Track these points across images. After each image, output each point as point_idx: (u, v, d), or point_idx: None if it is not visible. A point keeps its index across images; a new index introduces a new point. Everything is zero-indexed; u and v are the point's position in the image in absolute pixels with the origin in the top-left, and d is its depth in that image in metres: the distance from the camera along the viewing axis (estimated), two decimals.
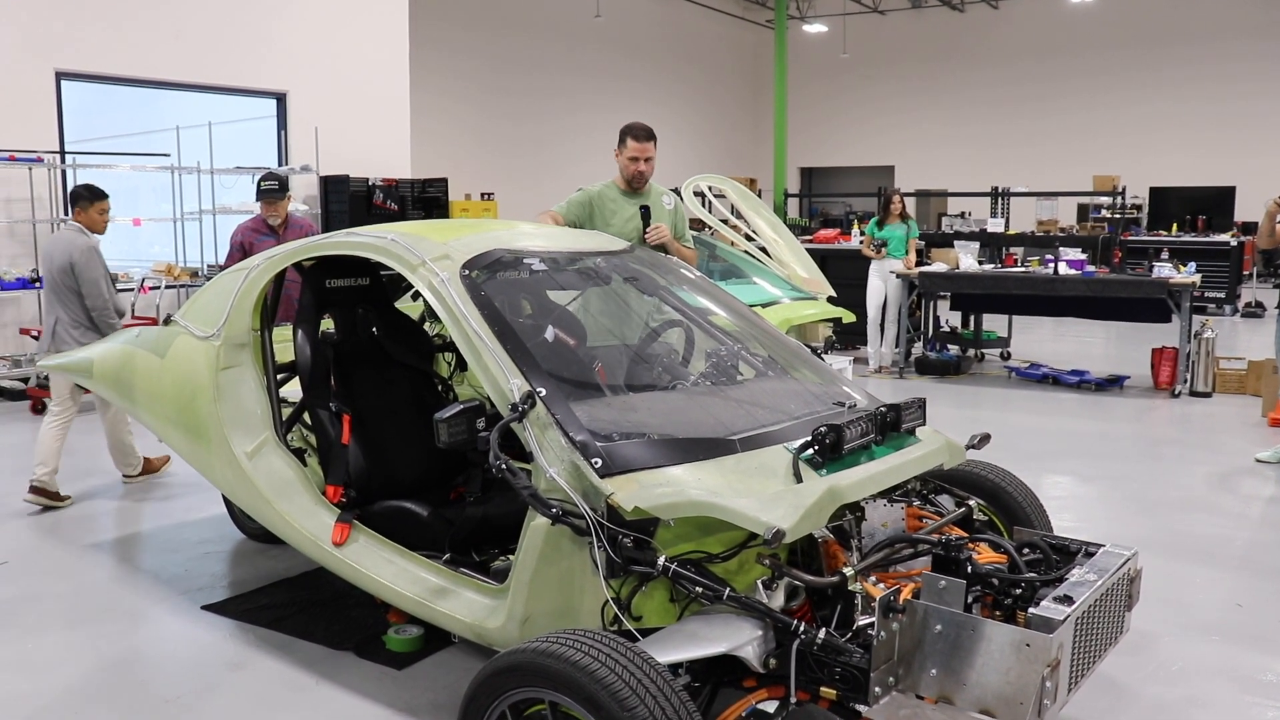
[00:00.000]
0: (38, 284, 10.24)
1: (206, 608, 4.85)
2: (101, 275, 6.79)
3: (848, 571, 3.10)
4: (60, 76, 10.93)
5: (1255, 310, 17.85)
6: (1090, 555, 3.43)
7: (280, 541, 4.64)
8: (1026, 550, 3.46)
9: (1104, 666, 3.59)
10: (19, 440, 8.44)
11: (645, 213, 5.69)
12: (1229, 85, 24.46)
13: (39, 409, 9.30)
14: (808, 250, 9.96)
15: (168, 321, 5.07)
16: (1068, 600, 2.99)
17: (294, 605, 4.84)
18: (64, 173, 10.87)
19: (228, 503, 5.82)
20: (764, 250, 9.46)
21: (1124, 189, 18.83)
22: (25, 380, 9.76)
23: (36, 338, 9.58)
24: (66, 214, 10.89)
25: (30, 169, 10.36)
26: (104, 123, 13.67)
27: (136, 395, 5.16)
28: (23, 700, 3.99)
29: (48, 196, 10.63)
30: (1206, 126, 24.40)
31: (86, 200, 7.06)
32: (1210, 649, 4.45)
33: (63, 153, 10.88)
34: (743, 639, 2.97)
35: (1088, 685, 3.37)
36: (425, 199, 14.15)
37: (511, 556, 3.47)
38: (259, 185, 7.65)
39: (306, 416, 4.64)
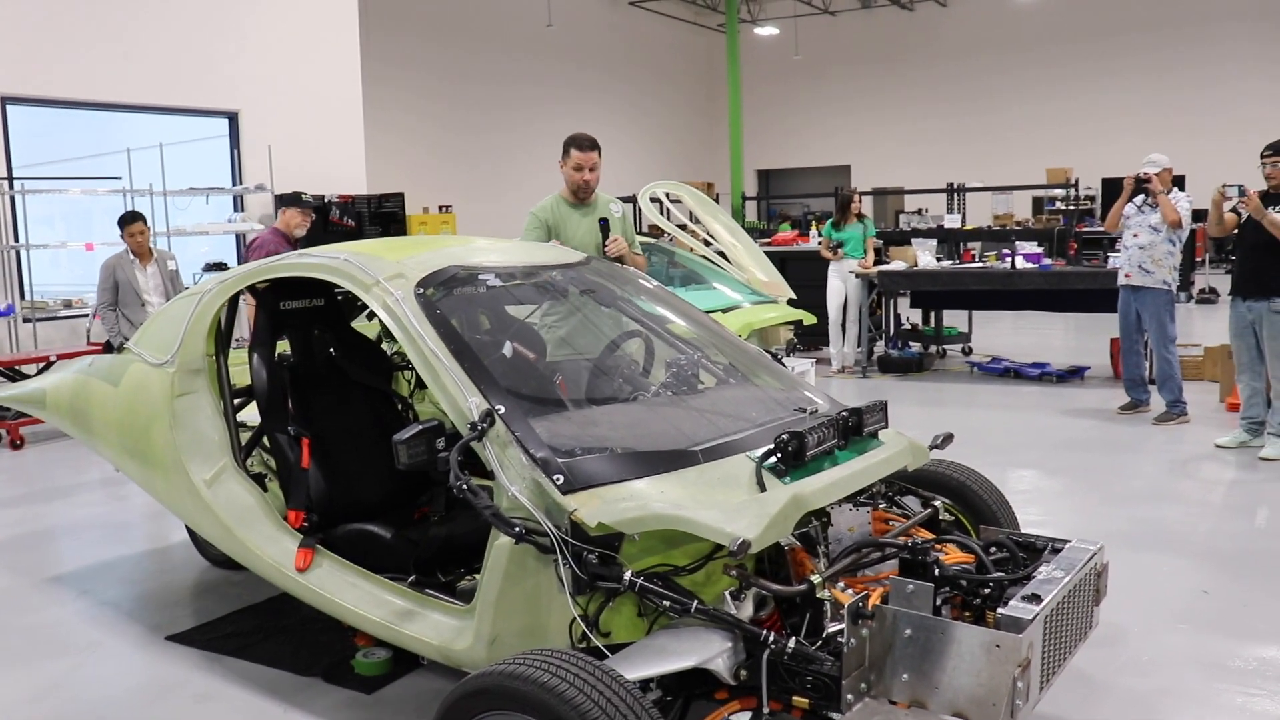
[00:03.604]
0: None
1: (170, 638, 4.77)
2: (100, 285, 8.87)
3: (815, 579, 3.08)
4: (5, 101, 10.78)
5: (1209, 296, 18.08)
6: (1057, 551, 3.44)
7: (244, 568, 4.58)
8: (993, 549, 3.46)
9: (1075, 661, 3.60)
10: None
11: (605, 225, 5.70)
12: (1174, 73, 24.80)
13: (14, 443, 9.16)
14: (766, 253, 9.99)
15: (120, 349, 5.00)
16: (1036, 599, 2.99)
17: (260, 632, 4.77)
18: (12, 199, 10.73)
19: (190, 530, 5.73)
20: (723, 255, 9.48)
21: (1077, 180, 19.02)
22: None
23: None
24: (17, 240, 10.77)
25: None
26: (53, 146, 13.49)
27: (92, 425, 5.08)
28: None
29: None
30: (1154, 114, 24.71)
31: (120, 226, 8.98)
32: (1179, 638, 4.48)
33: (10, 179, 10.72)
34: (712, 651, 2.94)
35: (1060, 681, 3.39)
36: (382, 214, 14.08)
37: (477, 576, 3.44)
38: (299, 196, 8.09)
39: (265, 441, 4.58)
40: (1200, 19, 24.58)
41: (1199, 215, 11.10)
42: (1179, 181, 8.80)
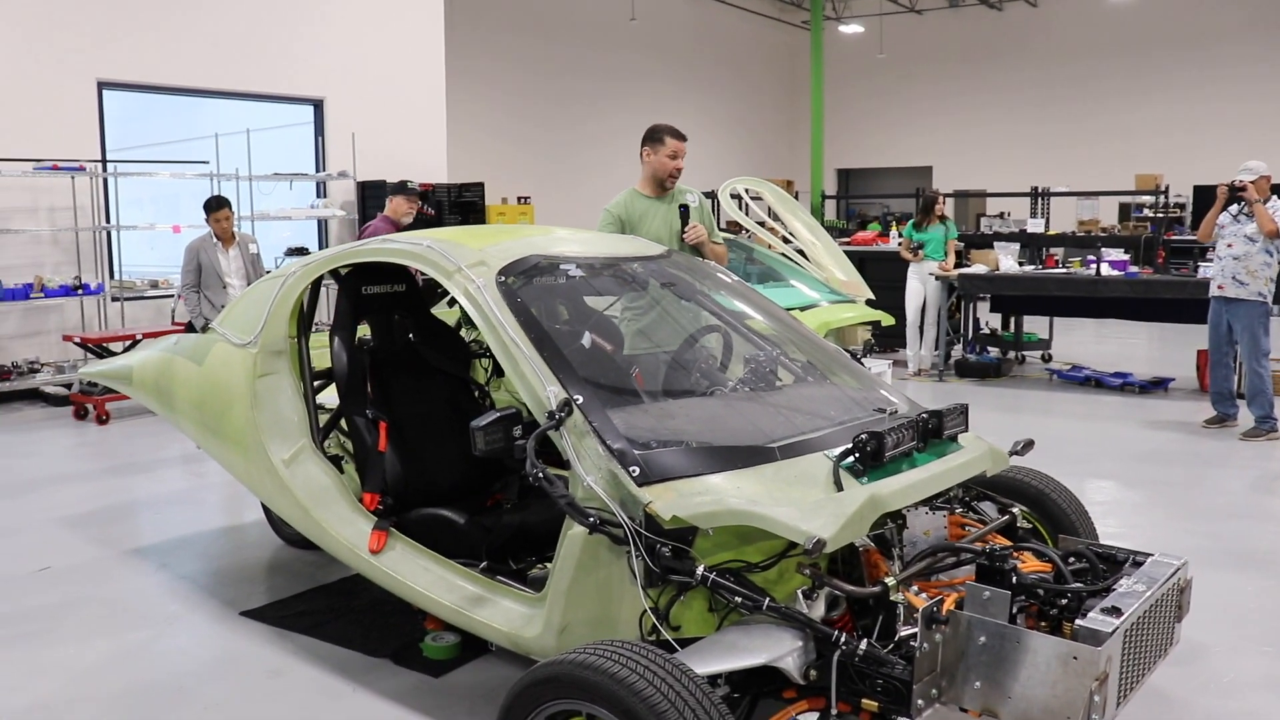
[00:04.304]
0: (81, 291, 10.37)
1: (245, 614, 4.86)
2: (184, 267, 9.02)
3: (889, 581, 3.05)
4: (102, 86, 11.05)
5: None
6: (1139, 565, 3.35)
7: (318, 548, 4.64)
8: (1072, 559, 3.38)
9: (1153, 678, 3.51)
10: (61, 446, 8.53)
11: (685, 212, 5.68)
12: (1273, 84, 24.08)
13: (82, 415, 9.40)
14: (846, 252, 9.90)
15: (205, 328, 5.09)
16: (1116, 611, 2.92)
17: (331, 612, 4.84)
18: (105, 181, 10.98)
19: (266, 509, 5.84)
20: (802, 253, 9.41)
21: (1167, 188, 18.57)
22: (68, 387, 9.86)
23: (80, 344, 9.69)
24: (108, 221, 11.03)
25: (73, 178, 10.48)
26: (144, 131, 13.81)
27: (175, 402, 5.18)
28: (66, 707, 4.01)
29: (90, 205, 10.74)
30: (1250, 125, 24.01)
31: (206, 211, 9.13)
32: (1263, 660, 4.35)
33: (104, 161, 10.99)
34: (783, 650, 2.92)
35: (1136, 697, 3.30)
36: (462, 203, 14.18)
37: (549, 564, 3.45)
38: (405, 184, 8.40)
39: (343, 423, 4.64)
40: None
41: None
42: (1277, 190, 8.55)
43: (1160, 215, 18.48)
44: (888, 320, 9.10)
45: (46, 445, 8.53)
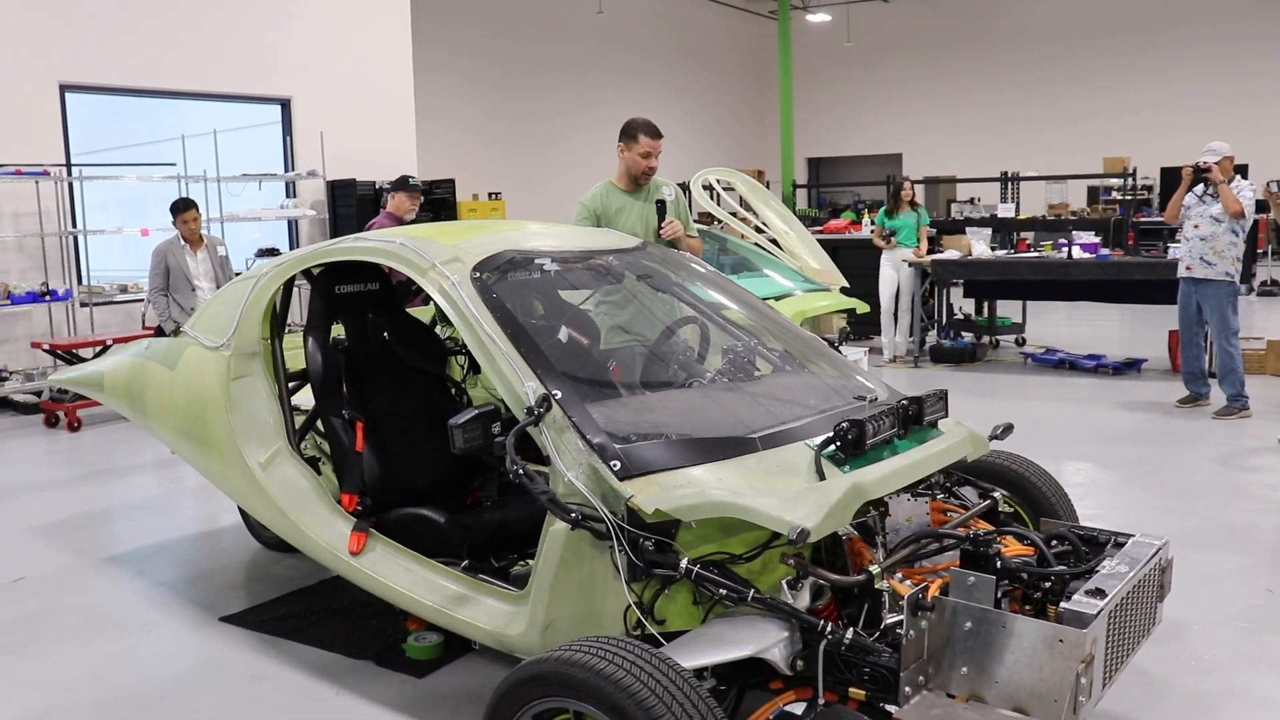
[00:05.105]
0: (48, 297, 10.24)
1: (224, 619, 4.81)
2: (152, 271, 8.92)
3: (874, 569, 3.04)
4: (64, 89, 10.91)
5: (1271, 289, 17.73)
6: (1120, 545, 3.37)
7: (297, 551, 4.60)
8: (1055, 542, 3.38)
9: (1136, 658, 3.53)
10: (33, 454, 8.43)
11: (661, 208, 5.65)
12: (1237, 64, 24.27)
13: (53, 423, 9.30)
14: (819, 241, 9.90)
15: (177, 332, 5.04)
16: (1100, 593, 2.93)
17: (312, 615, 4.80)
18: (70, 185, 10.86)
19: (243, 512, 5.79)
20: (775, 242, 9.41)
21: (1134, 170, 18.69)
22: (38, 394, 9.75)
23: (49, 351, 9.57)
24: (75, 225, 10.90)
25: (37, 183, 10.35)
26: (109, 134, 13.65)
27: (148, 408, 5.12)
28: (43, 719, 3.96)
29: (55, 210, 10.61)
30: (1216, 105, 24.20)
31: (173, 213, 9.04)
32: (1242, 638, 4.38)
33: (69, 165, 10.86)
34: (769, 641, 2.91)
35: (1120, 678, 3.31)
36: (433, 200, 14.11)
37: (531, 562, 3.42)
38: (407, 180, 8.29)
39: (320, 425, 4.60)
40: (1264, 11, 24.06)
41: (1262, 205, 10.87)
42: (1241, 170, 8.64)
43: (1128, 198, 18.58)
44: (862, 308, 9.11)
45: (17, 454, 8.43)
